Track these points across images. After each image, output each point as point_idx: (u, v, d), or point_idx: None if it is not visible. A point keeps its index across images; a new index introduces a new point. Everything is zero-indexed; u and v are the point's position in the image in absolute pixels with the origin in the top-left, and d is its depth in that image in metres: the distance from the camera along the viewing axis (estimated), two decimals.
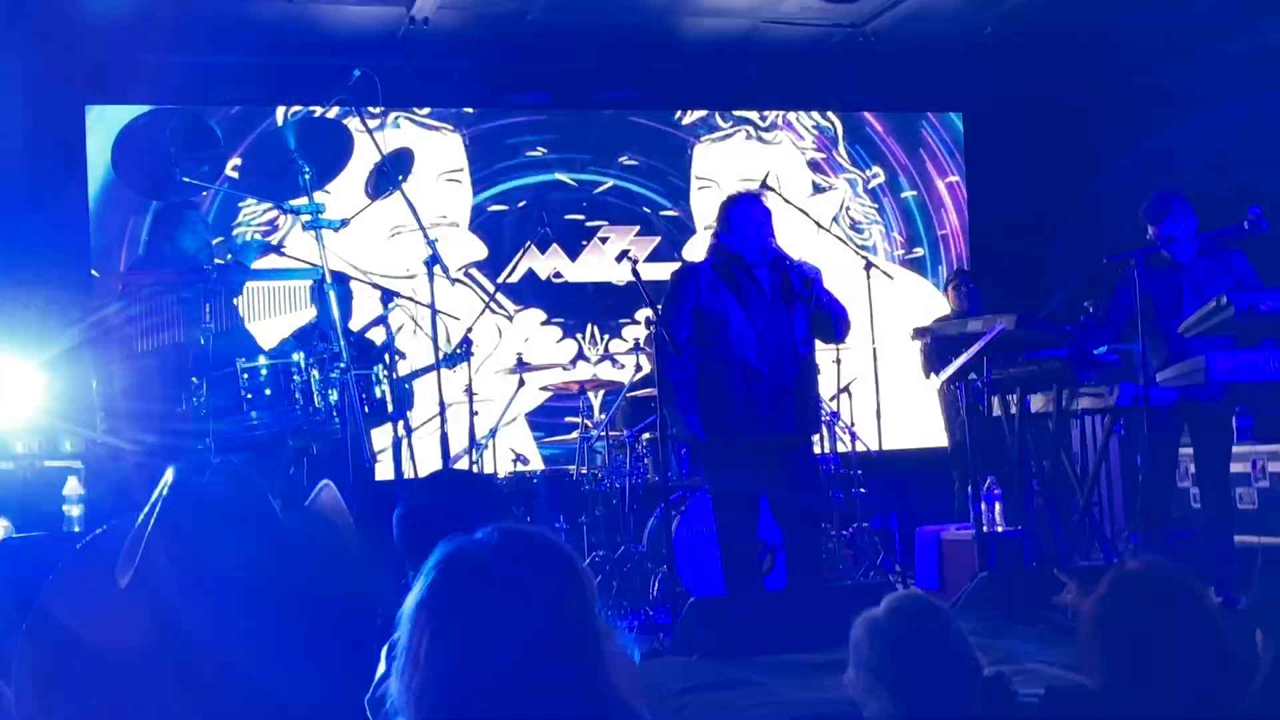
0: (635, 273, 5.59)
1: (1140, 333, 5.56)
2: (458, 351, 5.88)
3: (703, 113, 9.12)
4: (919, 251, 9.47)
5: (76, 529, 5.78)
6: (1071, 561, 6.16)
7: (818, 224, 6.67)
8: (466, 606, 1.50)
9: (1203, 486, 5.98)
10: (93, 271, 7.96)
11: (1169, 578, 2.32)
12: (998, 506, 6.31)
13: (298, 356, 4.88)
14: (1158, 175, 6.99)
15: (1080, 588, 2.90)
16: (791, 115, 9.27)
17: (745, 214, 5.46)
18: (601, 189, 8.89)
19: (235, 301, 4.97)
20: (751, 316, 5.36)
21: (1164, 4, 7.83)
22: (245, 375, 4.81)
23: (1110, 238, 6.47)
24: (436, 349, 5.39)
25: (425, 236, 5.24)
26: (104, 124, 8.06)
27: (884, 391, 6.89)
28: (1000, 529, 6.28)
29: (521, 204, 8.69)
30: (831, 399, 7.16)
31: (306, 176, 4.95)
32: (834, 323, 5.51)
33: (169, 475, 1.07)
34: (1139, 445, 6.10)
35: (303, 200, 5.01)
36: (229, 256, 5.10)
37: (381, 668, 2.49)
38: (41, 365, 7.19)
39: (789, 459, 5.41)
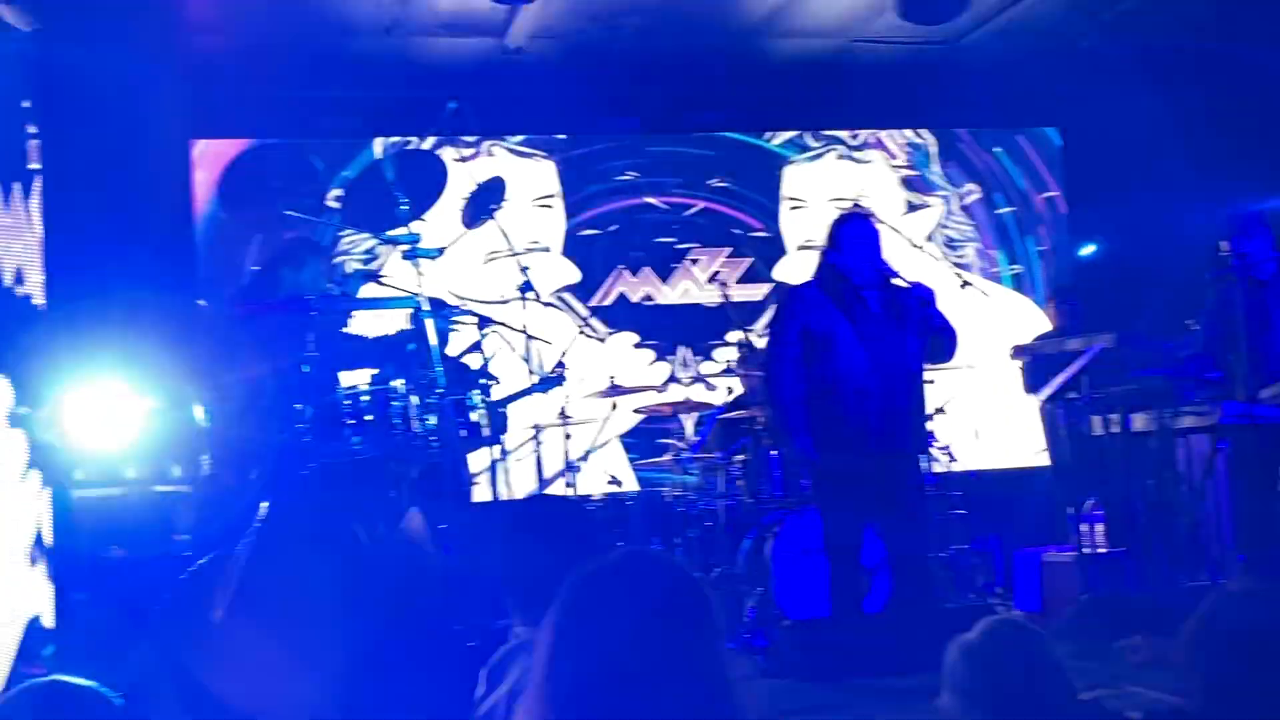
0: (725, 296, 5.62)
1: (1243, 350, 5.45)
2: (551, 376, 5.95)
3: (793, 133, 9.12)
4: (1017, 269, 9.36)
5: (187, 554, 5.95)
6: (1176, 583, 6.04)
7: (912, 242, 6.65)
8: (599, 627, 1.56)
9: None
10: (199, 301, 8.17)
11: (1270, 599, 2.28)
12: (1100, 527, 6.20)
13: (397, 383, 4.97)
14: (1260, 190, 6.84)
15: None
16: (883, 133, 9.23)
17: (856, 234, 5.47)
18: (692, 211, 8.93)
19: (340, 329, 5.09)
20: (861, 335, 5.37)
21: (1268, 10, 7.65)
22: (347, 401, 4.91)
23: (1209, 255, 6.34)
24: (530, 373, 5.45)
25: (518, 263, 5.32)
26: (209, 158, 8.30)
27: (982, 411, 6.83)
28: (1102, 550, 6.17)
29: (613, 228, 8.76)
30: (928, 419, 7.10)
31: (404, 207, 5.07)
32: (946, 344, 5.52)
33: (263, 508, 1.12)
34: (1245, 464, 5.97)
35: (401, 230, 5.13)
36: (335, 286, 5.22)
37: (481, 688, 2.54)
38: (149, 392, 7.41)
39: (899, 478, 5.42)
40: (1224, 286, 5.58)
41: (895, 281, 5.45)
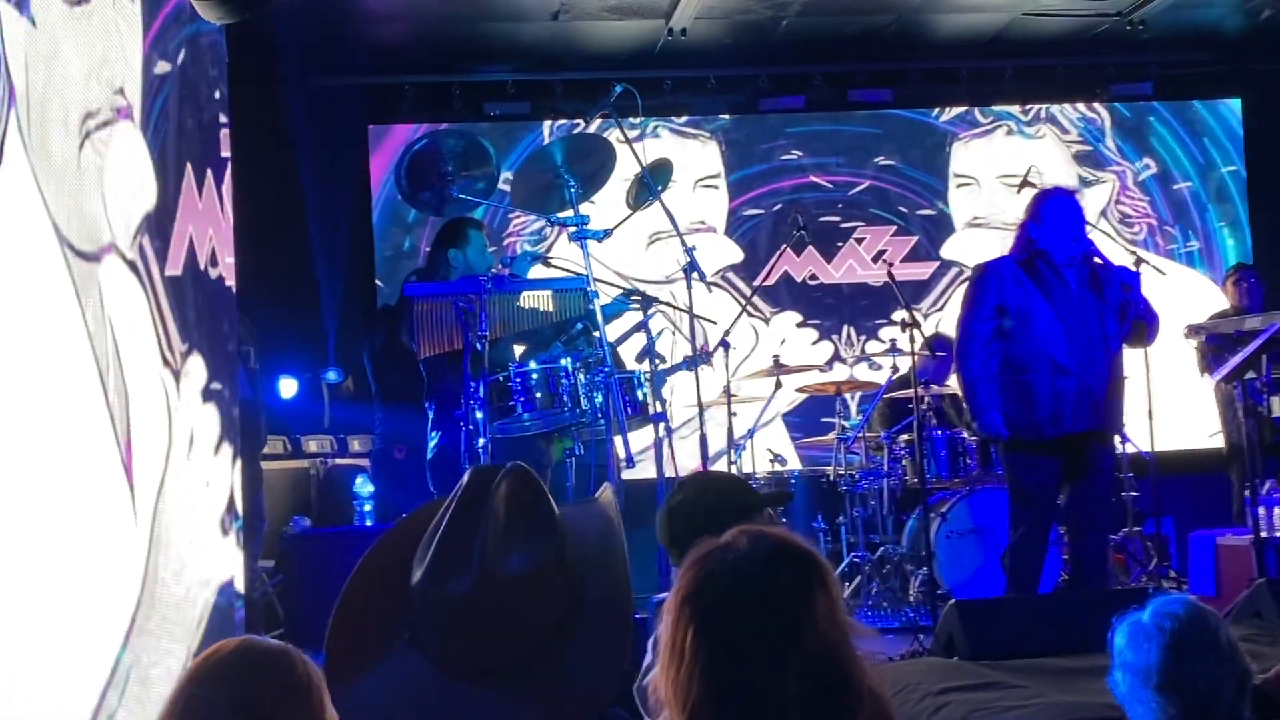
0: (890, 275, 5.61)
1: None
2: (697, 356, 5.98)
3: (962, 108, 9.00)
4: (1194, 245, 9.08)
5: (369, 523, 6.21)
6: None
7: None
8: (721, 602, 1.60)
9: None
10: (377, 282, 8.48)
11: None
12: (1278, 511, 6.02)
13: (565, 361, 5.11)
14: None
15: None
16: (1055, 108, 9.04)
17: (1059, 210, 5.42)
18: (857, 189, 8.90)
19: (511, 309, 5.24)
20: (1059, 313, 5.33)
21: None
22: (518, 379, 5.07)
23: None
24: (694, 352, 5.54)
25: (683, 243, 5.40)
26: (384, 142, 8.58)
27: (1156, 391, 6.67)
28: None
29: (777, 207, 8.78)
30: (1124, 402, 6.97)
31: (572, 190, 5.19)
32: (1149, 328, 5.49)
33: (467, 476, 1.20)
34: None
35: (569, 212, 5.25)
36: (505, 267, 5.38)
37: (649, 657, 2.64)
38: (329, 371, 7.73)
39: (1090, 458, 5.38)
40: None
41: (1097, 260, 5.40)
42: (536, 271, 5.92)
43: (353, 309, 8.16)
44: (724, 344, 6.54)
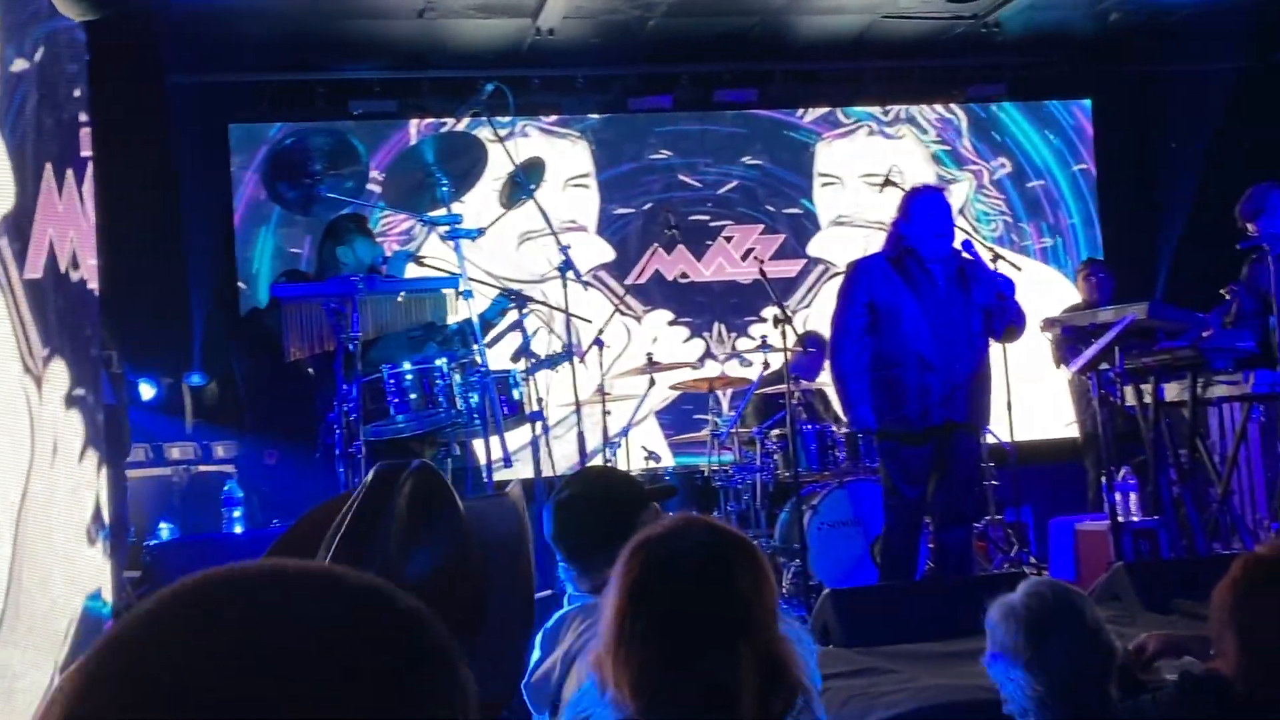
0: (762, 272, 5.69)
1: (1275, 321, 5.49)
2: (558, 354, 5.97)
3: (824, 109, 9.16)
4: (1047, 241, 9.39)
5: (238, 530, 6.09)
6: (1210, 551, 6.09)
7: None
8: (676, 592, 1.63)
9: None
10: (240, 284, 8.31)
11: None
12: (1133, 497, 6.26)
13: (440, 361, 5.07)
14: None
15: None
16: (914, 109, 9.26)
17: (926, 207, 5.55)
18: (725, 189, 9.00)
19: (383, 310, 5.19)
20: (926, 309, 5.46)
21: None
22: (391, 380, 5.02)
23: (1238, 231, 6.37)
24: (571, 351, 5.55)
25: (558, 242, 5.41)
26: (246, 141, 8.42)
27: (1014, 383, 6.88)
28: (1136, 519, 6.23)
29: (647, 206, 8.84)
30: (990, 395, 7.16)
31: (445, 188, 5.16)
32: (1019, 330, 5.72)
33: (371, 473, 1.19)
34: (1278, 431, 6.01)
35: (441, 211, 5.22)
36: (379, 266, 5.33)
37: (536, 654, 2.64)
38: (195, 375, 7.56)
39: (956, 450, 5.55)
40: (1254, 262, 5.62)
41: (966, 256, 5.56)
42: (410, 271, 5.87)
43: (218, 312, 7.99)
44: (598, 343, 6.56)
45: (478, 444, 5.33)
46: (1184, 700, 2.44)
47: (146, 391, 7.30)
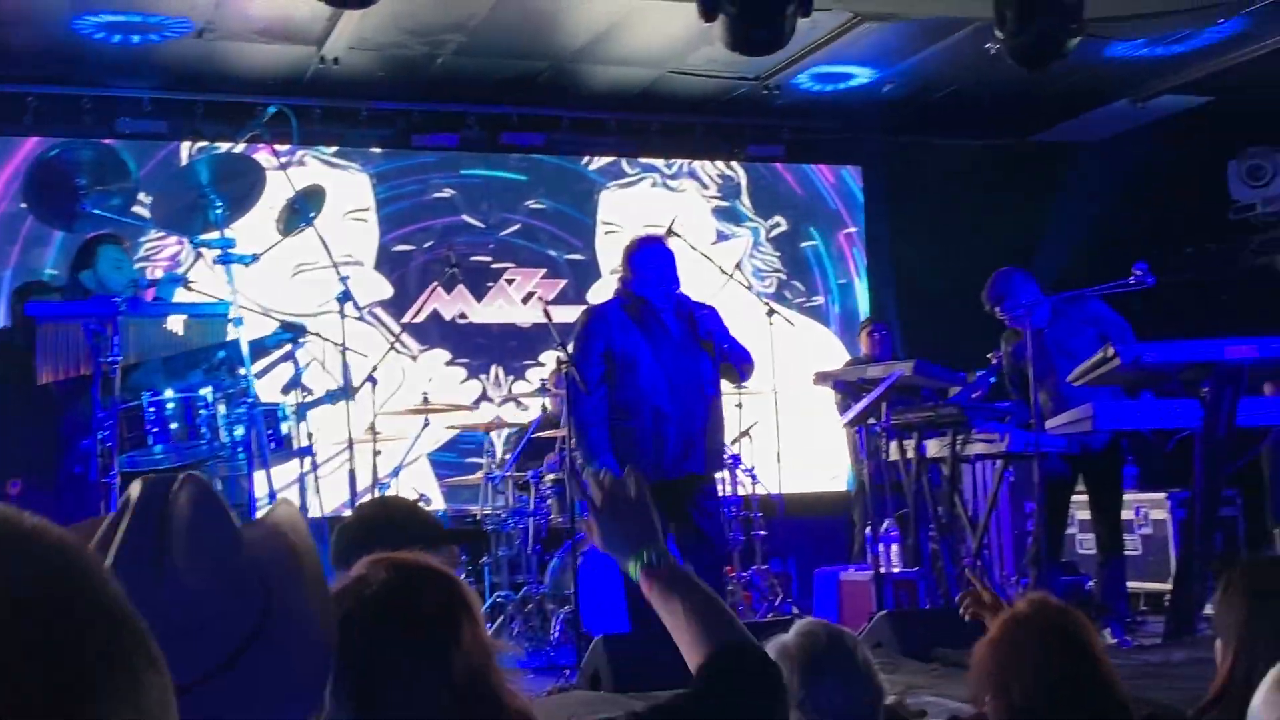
0: (546, 314, 5.65)
1: (1031, 384, 5.78)
2: (335, 390, 5.81)
3: (610, 159, 9.25)
4: (818, 300, 9.67)
5: None
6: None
7: (721, 270, 6.81)
8: (363, 634, 1.59)
9: (1098, 529, 6.20)
10: None
11: (1059, 618, 2.41)
12: (895, 548, 6.46)
13: (205, 391, 4.85)
14: (1050, 230, 7.24)
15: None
16: (697, 164, 9.44)
17: (649, 258, 5.54)
18: (508, 231, 8.96)
19: (147, 334, 4.93)
20: (660, 359, 5.44)
21: (1061, 70, 8.13)
22: (152, 408, 4.77)
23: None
24: (348, 386, 5.39)
25: (338, 273, 5.26)
26: (2, 155, 7.95)
27: (784, 435, 7.03)
28: (897, 570, 6.43)
29: (428, 244, 8.72)
30: (733, 442, 7.26)
31: (219, 211, 4.96)
32: (736, 365, 5.62)
33: (135, 488, 1.09)
34: (1029, 491, 6.32)
35: (214, 234, 5.01)
36: (147, 289, 5.06)
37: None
38: None
39: (697, 500, 5.50)
40: (1011, 337, 5.97)
41: (687, 303, 5.55)
42: (179, 296, 5.61)
43: None
44: (371, 380, 6.40)
45: (246, 478, 5.11)
46: None
47: None
